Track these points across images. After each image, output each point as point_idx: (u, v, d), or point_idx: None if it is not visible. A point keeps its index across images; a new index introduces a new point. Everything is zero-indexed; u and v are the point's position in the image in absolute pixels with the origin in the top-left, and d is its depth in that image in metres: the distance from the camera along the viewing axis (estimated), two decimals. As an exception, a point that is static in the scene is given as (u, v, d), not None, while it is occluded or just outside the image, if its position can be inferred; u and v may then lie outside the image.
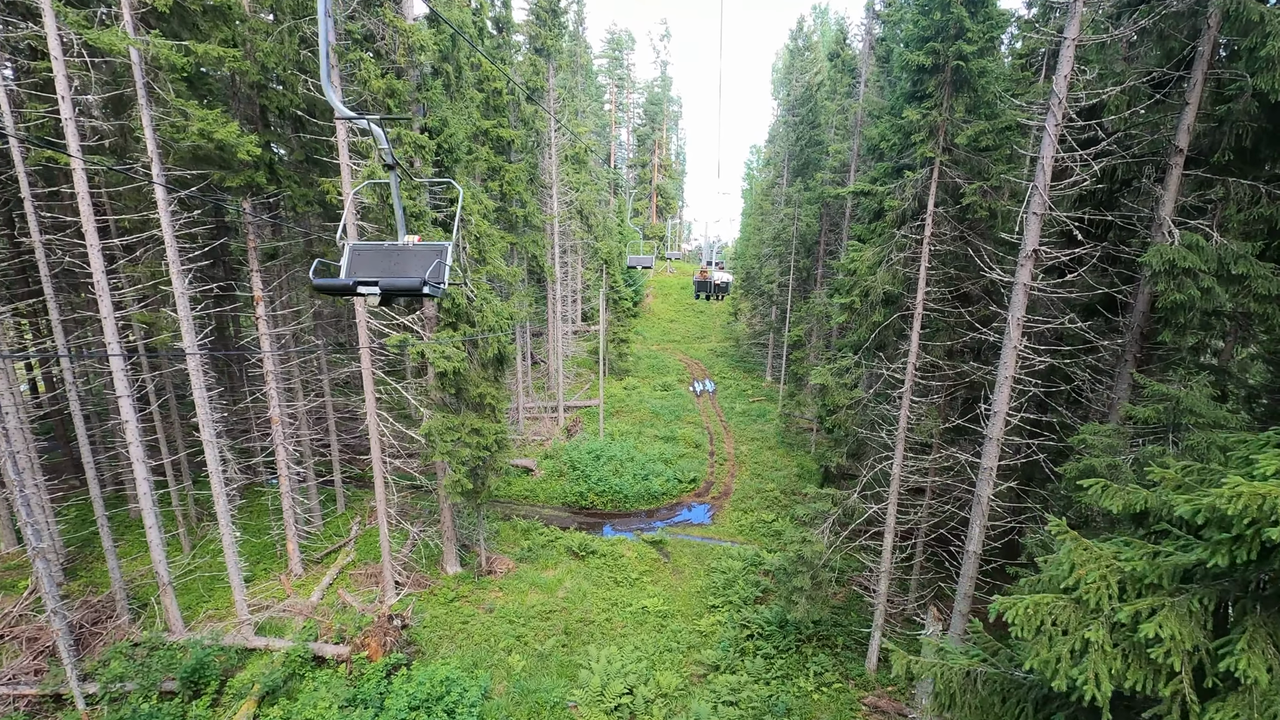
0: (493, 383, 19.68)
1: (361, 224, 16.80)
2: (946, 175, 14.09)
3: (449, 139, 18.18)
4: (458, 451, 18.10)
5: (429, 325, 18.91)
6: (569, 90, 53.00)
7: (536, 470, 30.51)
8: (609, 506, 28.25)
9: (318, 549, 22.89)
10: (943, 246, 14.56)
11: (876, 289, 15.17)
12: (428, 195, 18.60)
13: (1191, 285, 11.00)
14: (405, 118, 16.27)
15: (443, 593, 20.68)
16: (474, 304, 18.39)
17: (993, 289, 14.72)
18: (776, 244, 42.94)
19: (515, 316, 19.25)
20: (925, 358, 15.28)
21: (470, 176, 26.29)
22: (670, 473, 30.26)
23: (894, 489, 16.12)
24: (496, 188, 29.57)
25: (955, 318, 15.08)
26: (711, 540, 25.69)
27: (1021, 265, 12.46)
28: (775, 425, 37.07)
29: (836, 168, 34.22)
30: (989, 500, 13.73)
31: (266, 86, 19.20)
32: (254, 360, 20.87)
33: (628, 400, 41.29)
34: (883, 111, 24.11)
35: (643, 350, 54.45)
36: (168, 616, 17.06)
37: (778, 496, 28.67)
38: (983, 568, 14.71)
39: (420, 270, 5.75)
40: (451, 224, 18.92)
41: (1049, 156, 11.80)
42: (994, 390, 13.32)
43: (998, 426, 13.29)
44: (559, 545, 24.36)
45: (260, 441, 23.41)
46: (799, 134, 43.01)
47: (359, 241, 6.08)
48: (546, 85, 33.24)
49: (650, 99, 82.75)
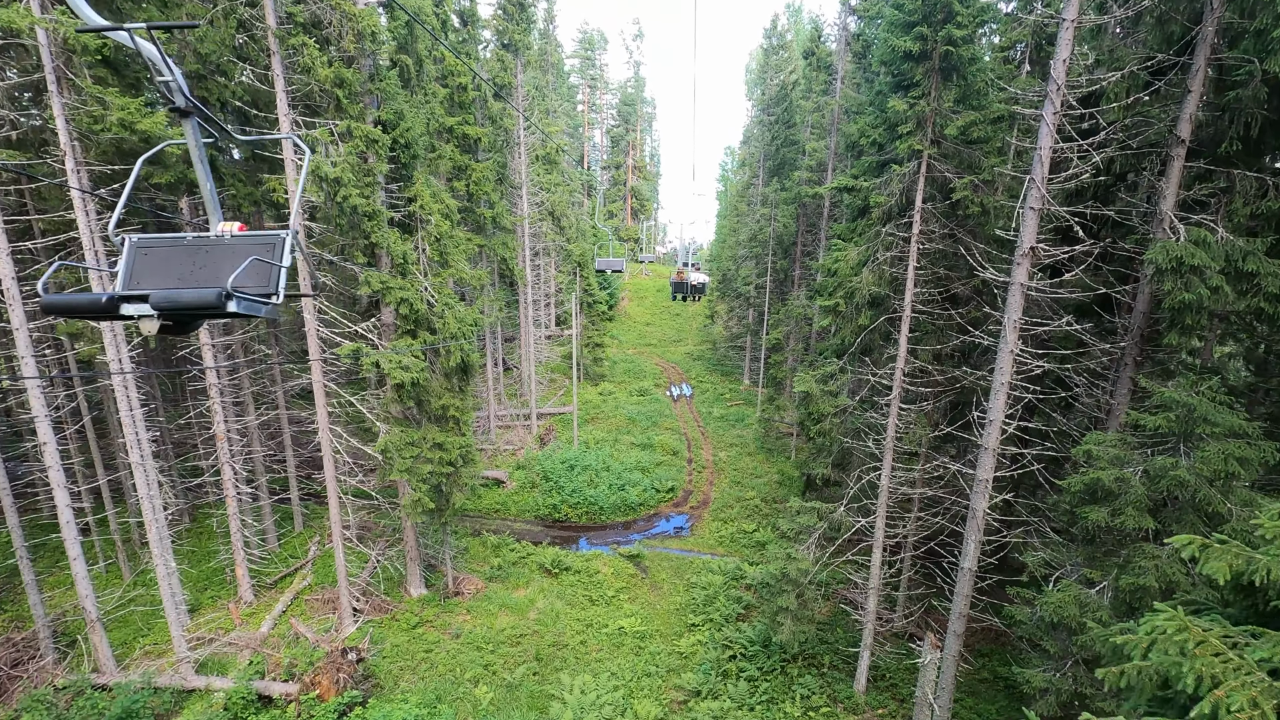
0: (457, 393, 18.46)
1: (309, 224, 15.50)
2: (935, 169, 13.28)
3: (406, 133, 16.94)
4: (418, 468, 16.84)
5: (386, 333, 17.63)
6: (539, 89, 51.83)
7: (508, 482, 29.24)
8: (584, 519, 27.10)
9: (272, 572, 21.38)
10: (931, 245, 13.75)
11: (862, 290, 14.31)
12: (383, 194, 17.35)
13: (1199, 284, 10.29)
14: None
15: (405, 618, 19.35)
16: (435, 310, 17.17)
17: (984, 289, 13.95)
18: (753, 245, 42.23)
19: (480, 322, 18.06)
20: (914, 363, 14.46)
21: (434, 175, 25.04)
22: (647, 482, 29.20)
23: (882, 501, 15.27)
24: (463, 188, 28.30)
25: (945, 320, 14.28)
26: (691, 553, 24.69)
27: (1018, 264, 11.66)
28: (754, 430, 36.25)
29: (813, 167, 33.57)
30: (984, 514, 12.91)
31: (206, 78, 17.78)
32: (198, 373, 19.36)
33: (603, 406, 40.18)
34: (862, 107, 23.41)
35: (618, 354, 53.37)
36: (98, 655, 15.52)
37: (758, 505, 27.79)
38: (978, 584, 13.90)
39: (238, 276, 3.49)
40: (413, 225, 17.71)
41: (1047, 147, 11.01)
42: (988, 397, 12.51)
43: (993, 436, 12.48)
44: (531, 562, 23.15)
45: (208, 460, 21.82)
46: (774, 134, 42.37)
47: (146, 235, 3.99)
48: (514, 82, 32.05)
49: (624, 99, 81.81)
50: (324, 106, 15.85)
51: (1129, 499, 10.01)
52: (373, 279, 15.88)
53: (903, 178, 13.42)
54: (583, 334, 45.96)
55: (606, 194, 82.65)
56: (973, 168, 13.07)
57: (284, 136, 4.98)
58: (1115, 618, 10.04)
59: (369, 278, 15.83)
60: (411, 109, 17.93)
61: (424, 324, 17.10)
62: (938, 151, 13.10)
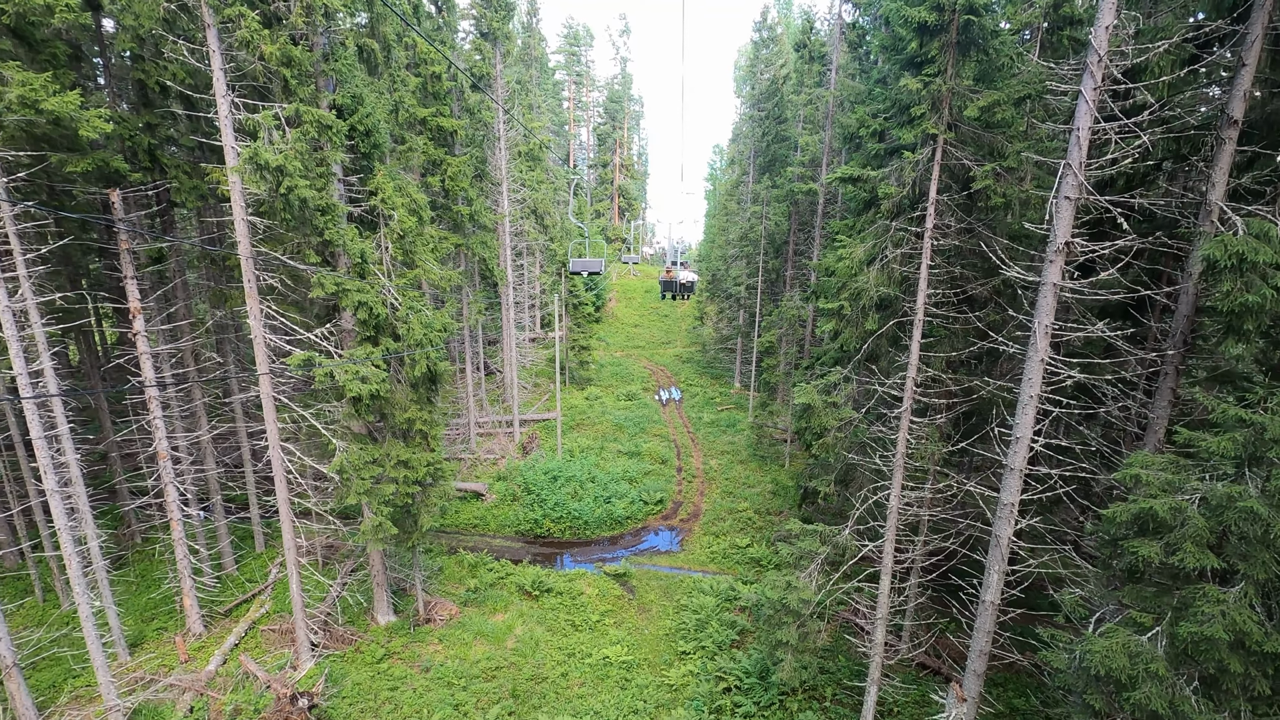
0: (425, 405, 16.88)
1: (253, 219, 13.88)
2: (952, 156, 11.88)
3: (365, 119, 15.35)
4: (380, 490, 15.25)
5: (345, 340, 16.03)
6: (521, 84, 50.22)
7: (487, 495, 27.65)
8: (567, 534, 25.56)
9: (226, 599, 19.67)
10: (947, 241, 12.36)
11: (869, 291, 12.89)
12: (340, 186, 15.75)
13: (1262, 283, 8.95)
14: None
15: (371, 650, 17.73)
16: (398, 314, 15.59)
17: (1005, 290, 12.56)
18: (744, 244, 40.86)
19: (450, 328, 16.49)
20: (926, 371, 13.05)
21: (405, 169, 23.43)
22: (635, 494, 27.71)
23: (891, 524, 13.87)
24: (437, 183, 26.70)
25: (962, 324, 12.90)
26: (681, 570, 23.23)
27: (1051, 261, 10.28)
28: (746, 436, 34.87)
29: (806, 163, 32.23)
30: (1009, 542, 11.53)
31: (144, 58, 16.12)
32: (135, 385, 17.66)
33: (589, 412, 38.64)
34: (860, 96, 22.07)
35: (605, 357, 51.86)
36: (15, 705, 13.80)
37: (751, 517, 26.37)
38: (1000, 618, 12.52)
39: None
40: (376, 221, 16.13)
41: (1085, 128, 9.64)
42: (1013, 411, 11.12)
43: (1020, 455, 11.10)
44: (510, 583, 21.58)
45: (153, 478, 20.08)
46: (765, 129, 41.03)
47: None
48: (493, 72, 30.45)
49: (611, 96, 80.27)
50: (271, 88, 14.25)
51: (1187, 532, 8.65)
52: (326, 281, 14.28)
53: (915, 166, 12.01)
54: (568, 336, 44.45)
55: (593, 193, 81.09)
56: (994, 154, 11.70)
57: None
58: (1173, 671, 8.68)
59: (322, 279, 14.23)
60: (374, 94, 16.35)
61: (386, 330, 15.51)
62: (955, 136, 11.70)
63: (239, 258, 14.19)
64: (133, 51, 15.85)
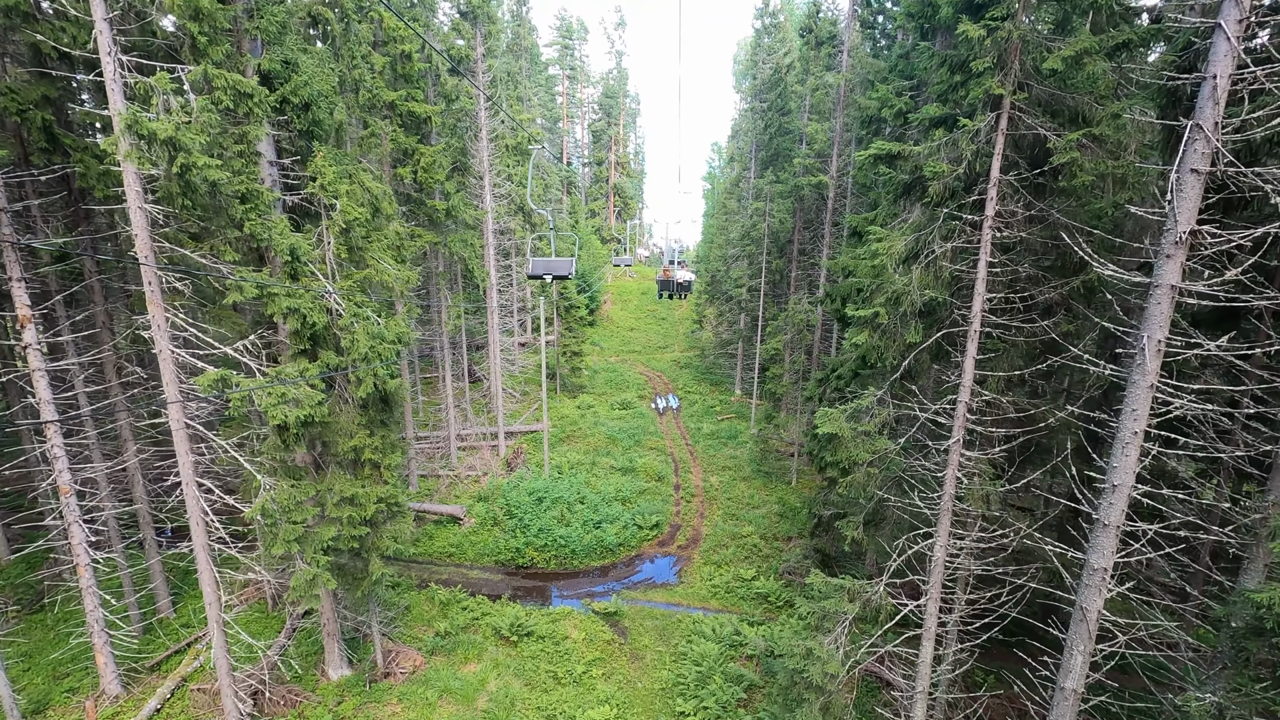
0: (377, 429, 14.32)
1: (152, 207, 11.31)
2: (1021, 123, 9.37)
3: (301, 90, 12.80)
4: (315, 534, 12.69)
5: (282, 353, 13.47)
6: (510, 75, 47.70)
7: (466, 519, 25.06)
8: (553, 564, 22.98)
9: (156, 649, 17.09)
10: (1011, 232, 9.85)
11: (912, 295, 10.38)
12: (270, 169, 13.19)
13: None
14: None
15: (316, 714, 15.16)
16: (341, 323, 13.03)
17: (1089, 293, 10.03)
18: (745, 243, 38.35)
19: (405, 339, 13.94)
20: (982, 395, 10.54)
21: (364, 157, 20.87)
22: (628, 516, 25.15)
23: (936, 579, 11.35)
24: (408, 175, 24.16)
25: (1026, 335, 10.38)
26: (678, 607, 20.67)
27: (1168, 256, 7.77)
28: (749, 450, 32.33)
29: (815, 154, 29.70)
30: (1098, 615, 9.00)
31: (36, 16, 13.57)
32: (24, 407, 15.09)
33: (580, 423, 36.07)
34: (881, 74, 19.58)
35: (599, 362, 49.32)
36: None
37: (757, 544, 23.83)
38: (1083, 704, 9.99)
39: None
40: (315, 209, 13.58)
41: (1225, 74, 7.13)
42: (1111, 452, 8.59)
43: (1118, 507, 8.58)
44: (485, 626, 19.01)
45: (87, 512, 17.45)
46: (767, 121, 38.59)
47: None
48: (474, 55, 27.92)
49: (606, 91, 77.75)
50: (179, 48, 11.72)
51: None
52: (246, 283, 11.73)
53: (974, 136, 9.49)
54: (559, 341, 41.90)
55: (588, 191, 78.59)
56: (1078, 119, 9.18)
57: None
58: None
59: (240, 282, 11.67)
60: (316, 63, 13.80)
61: (324, 342, 12.96)
62: (1027, 98, 9.19)
63: (141, 256, 11.61)
64: (12, 6, 13.28)
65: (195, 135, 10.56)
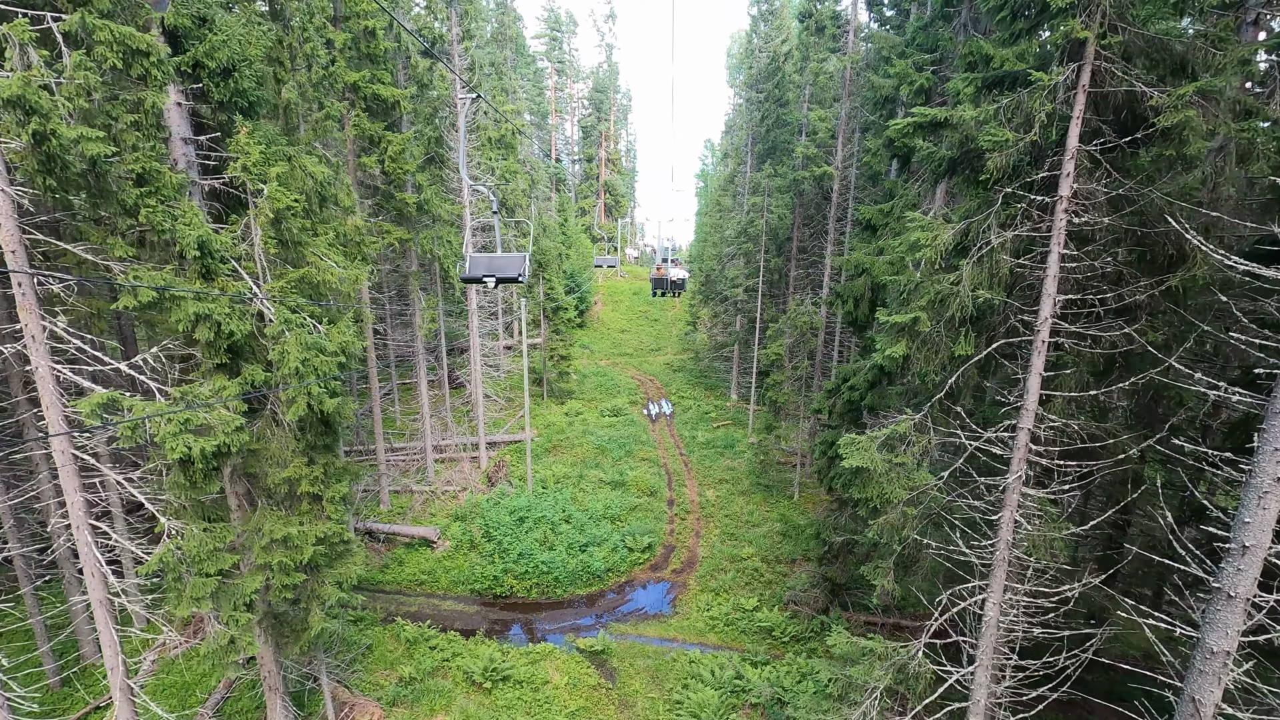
0: (321, 453, 12.17)
1: (17, 190, 9.13)
2: (1109, 77, 7.34)
3: (218, 53, 10.62)
4: (235, 587, 10.53)
5: (191, 369, 11.29)
6: (495, 65, 45.53)
7: (439, 541, 22.90)
8: (534, 593, 20.86)
9: (71, 708, 14.87)
10: (1092, 216, 7.82)
11: (962, 297, 8.34)
12: (182, 146, 11.02)
13: None
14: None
15: (252, 787, 13.03)
16: (269, 332, 10.89)
17: (1183, 294, 8.01)
18: (741, 240, 36.32)
19: (349, 349, 11.79)
20: (1050, 421, 8.50)
21: (323, 143, 18.68)
22: (618, 537, 23.08)
23: (987, 643, 9.32)
24: (374, 164, 21.99)
25: (1105, 346, 8.35)
26: (673, 643, 18.61)
27: (1336, 245, 5.74)
28: (747, 460, 30.31)
29: (815, 144, 27.69)
30: (1215, 710, 6.99)
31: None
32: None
33: (568, 431, 33.93)
34: (898, 49, 17.57)
35: (589, 366, 47.22)
36: None
37: (758, 568, 21.80)
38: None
39: None
40: (242, 196, 11.43)
41: None
42: (1242, 504, 6.58)
43: (1249, 575, 6.57)
44: (456, 669, 16.90)
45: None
46: (764, 112, 36.65)
47: None
48: (449, 35, 25.77)
49: (596, 85, 75.58)
50: None
51: None
52: (142, 285, 9.56)
53: (1049, 95, 7.44)
54: (546, 344, 39.77)
55: (578, 189, 76.43)
56: (1181, 71, 7.16)
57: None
58: None
59: (134, 281, 9.51)
60: (241, 23, 11.63)
61: (246, 354, 10.81)
62: (1120, 43, 7.16)
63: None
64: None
65: (70, 99, 8.42)
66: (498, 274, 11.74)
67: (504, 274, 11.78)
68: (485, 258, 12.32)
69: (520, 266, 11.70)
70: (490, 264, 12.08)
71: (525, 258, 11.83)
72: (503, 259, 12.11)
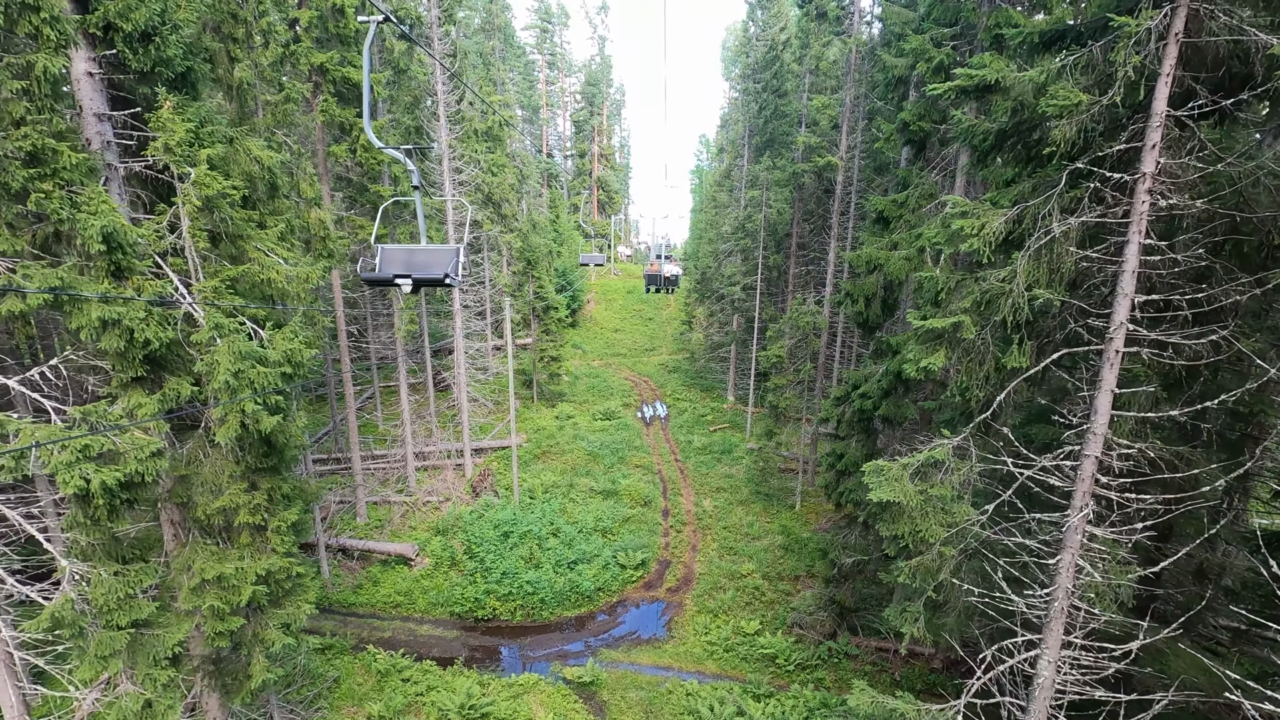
0: (266, 476, 10.64)
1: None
2: (1210, 23, 5.88)
3: (134, 14, 9.05)
4: (154, 640, 8.99)
5: (103, 383, 9.72)
6: (482, 55, 43.96)
7: (418, 558, 21.36)
8: (519, 616, 19.34)
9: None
10: (1180, 199, 6.36)
11: (1014, 297, 6.88)
12: (96, 123, 9.44)
13: None
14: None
15: None
16: (196, 339, 9.34)
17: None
18: (739, 236, 34.85)
19: (299, 358, 10.26)
20: (1121, 448, 7.05)
21: (280, 127, 17.10)
22: (609, 553, 21.60)
23: (1040, 706, 7.87)
24: (344, 154, 20.42)
25: (1187, 356, 6.90)
26: (668, 672, 17.15)
27: None
28: (746, 466, 28.87)
29: (818, 134, 26.23)
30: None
31: None
32: None
33: (558, 436, 32.42)
34: (913, 24, 16.11)
35: (581, 367, 45.70)
36: None
37: (759, 586, 20.35)
38: None
39: None
40: (174, 183, 9.85)
41: None
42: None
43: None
44: (430, 705, 15.39)
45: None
46: (762, 103, 35.16)
47: None
48: (428, 19, 24.18)
49: (589, 79, 73.91)
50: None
51: None
52: (30, 284, 8.01)
53: (1136, 46, 5.97)
54: (536, 345, 38.24)
55: (570, 185, 74.80)
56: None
57: None
58: None
59: (21, 281, 7.96)
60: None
61: (168, 364, 9.26)
62: (1228, -21, 5.70)
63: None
64: None
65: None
66: (417, 273, 8.30)
67: (426, 274, 8.36)
68: (403, 250, 8.79)
69: (449, 263, 8.41)
70: (409, 260, 8.59)
71: (458, 251, 8.51)
72: (426, 253, 8.62)
